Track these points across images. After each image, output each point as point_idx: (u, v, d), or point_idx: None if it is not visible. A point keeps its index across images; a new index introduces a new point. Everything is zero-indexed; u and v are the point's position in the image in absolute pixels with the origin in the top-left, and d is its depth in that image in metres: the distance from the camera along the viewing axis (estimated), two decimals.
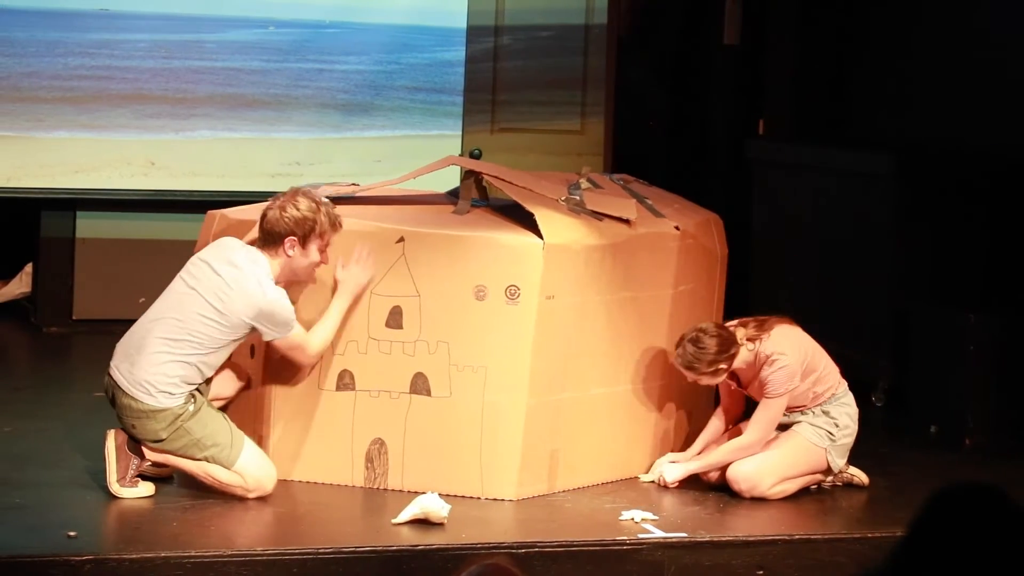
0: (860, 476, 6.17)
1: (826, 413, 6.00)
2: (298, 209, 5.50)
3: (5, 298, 8.82)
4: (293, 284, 5.65)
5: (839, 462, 6.03)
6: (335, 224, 5.56)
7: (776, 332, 5.91)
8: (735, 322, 5.97)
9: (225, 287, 5.46)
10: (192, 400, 5.50)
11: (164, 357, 5.44)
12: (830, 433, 5.99)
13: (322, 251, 5.56)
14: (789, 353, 5.87)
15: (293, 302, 5.58)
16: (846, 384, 6.07)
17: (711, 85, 9.45)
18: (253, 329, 5.49)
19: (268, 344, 5.59)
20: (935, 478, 6.34)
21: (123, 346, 5.54)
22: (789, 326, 5.97)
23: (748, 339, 5.89)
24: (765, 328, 5.91)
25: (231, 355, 5.78)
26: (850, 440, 6.05)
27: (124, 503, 5.45)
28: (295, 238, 5.50)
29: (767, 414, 5.90)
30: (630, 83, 9.27)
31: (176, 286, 5.55)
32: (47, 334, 8.46)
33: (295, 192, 5.59)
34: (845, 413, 6.02)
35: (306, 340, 5.58)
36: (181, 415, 5.46)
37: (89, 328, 8.32)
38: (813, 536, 5.56)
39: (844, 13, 8.82)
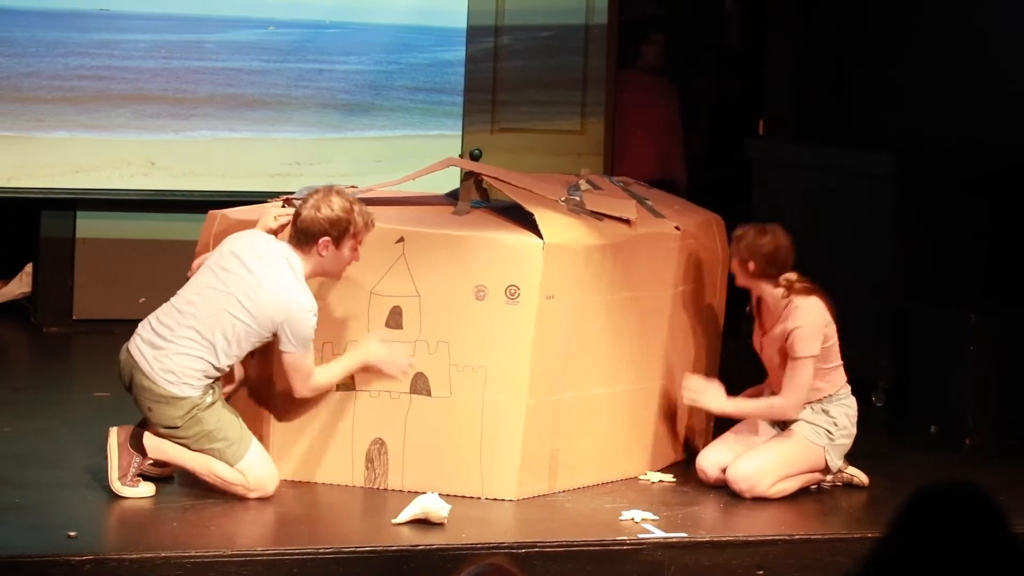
0: (860, 476, 6.18)
1: (825, 412, 6.02)
2: (332, 209, 5.50)
3: (5, 298, 8.83)
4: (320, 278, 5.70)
5: (837, 462, 6.05)
6: (368, 223, 5.57)
7: (813, 299, 5.95)
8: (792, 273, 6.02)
9: (257, 286, 5.45)
10: (211, 391, 5.51)
11: (192, 351, 5.45)
12: (828, 432, 6.00)
13: (355, 250, 5.57)
14: (813, 313, 5.92)
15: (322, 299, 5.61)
16: (849, 388, 6.09)
17: (712, 86, 9.45)
18: (275, 335, 5.49)
19: (273, 351, 5.58)
20: (935, 478, 6.33)
21: (147, 330, 5.52)
22: (824, 302, 6.01)
23: (788, 284, 5.94)
24: (809, 291, 5.96)
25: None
26: (848, 441, 6.07)
27: (124, 503, 5.46)
28: (329, 239, 5.51)
29: (795, 378, 5.91)
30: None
31: (208, 279, 5.52)
32: (47, 334, 8.46)
33: (329, 191, 5.59)
34: (844, 414, 6.03)
35: (312, 371, 5.58)
36: (198, 404, 5.47)
37: (89, 328, 8.32)
38: (813, 536, 5.56)
39: (844, 13, 8.83)
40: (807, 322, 5.90)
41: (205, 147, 8.53)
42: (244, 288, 5.46)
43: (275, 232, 5.80)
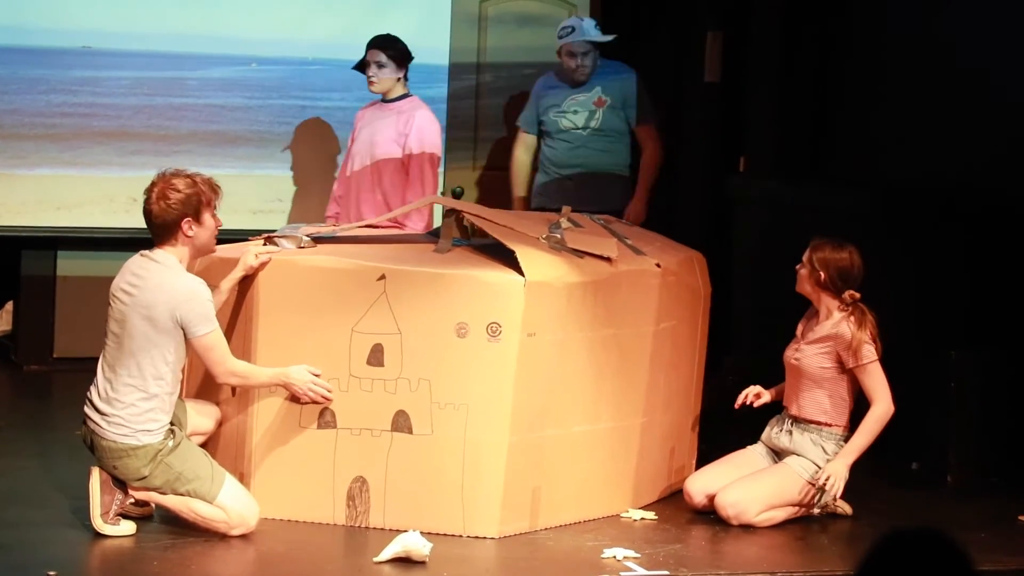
0: (844, 507, 6.24)
1: (823, 448, 6.10)
2: (179, 191, 5.54)
3: None
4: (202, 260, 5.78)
5: (825, 498, 6.10)
6: (215, 187, 5.64)
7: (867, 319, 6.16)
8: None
9: (141, 298, 5.49)
10: (171, 436, 5.53)
11: (132, 396, 5.48)
12: (818, 467, 6.06)
13: (214, 216, 5.62)
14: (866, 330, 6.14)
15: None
16: (849, 432, 6.20)
17: (692, 123, 9.48)
18: (182, 328, 5.48)
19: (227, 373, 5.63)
20: (917, 515, 6.37)
21: (93, 398, 5.58)
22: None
23: (852, 299, 6.16)
24: (864, 313, 6.17)
25: (214, 394, 5.81)
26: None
27: (105, 542, 5.45)
28: (189, 219, 5.54)
29: (875, 381, 6.11)
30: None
31: (110, 327, 5.59)
32: (27, 372, 8.46)
33: (163, 177, 5.61)
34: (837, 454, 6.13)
35: (228, 352, 5.58)
36: (161, 450, 5.49)
37: (69, 366, 8.31)
38: (794, 574, 5.57)
39: (824, 52, 8.87)
40: (863, 334, 6.09)
41: None
42: (133, 309, 5.50)
43: (256, 270, 5.82)
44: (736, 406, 6.33)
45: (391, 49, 7.64)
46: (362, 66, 7.71)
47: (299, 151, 8.72)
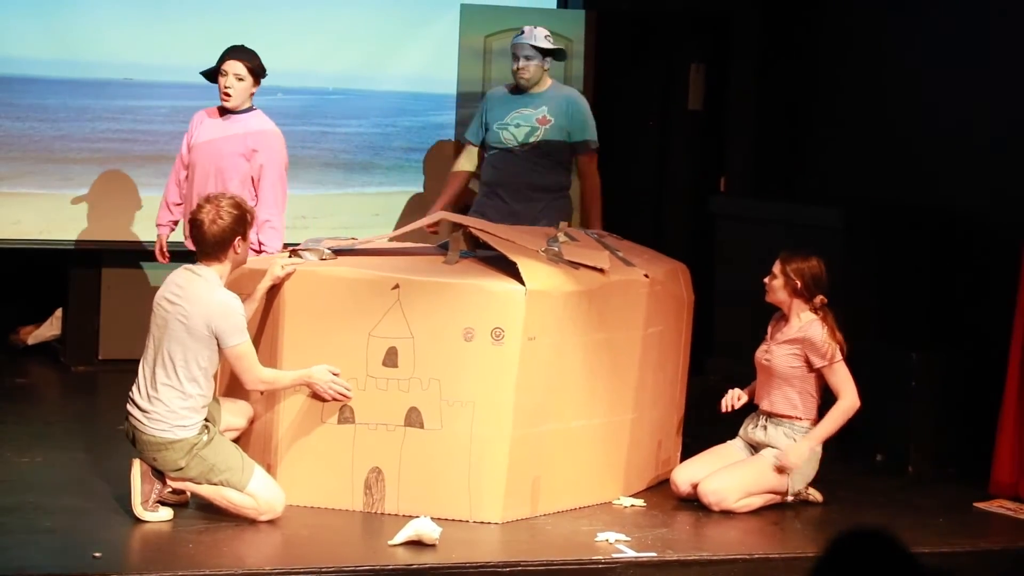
0: (815, 495, 6.25)
1: (795, 441, 6.11)
2: (232, 211, 5.54)
3: (37, 340, 8.84)
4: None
5: (798, 486, 6.12)
6: (251, 208, 5.67)
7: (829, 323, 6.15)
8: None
9: (181, 308, 5.50)
10: (205, 431, 5.53)
11: (169, 396, 5.48)
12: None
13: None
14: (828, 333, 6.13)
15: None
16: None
17: (677, 147, 9.49)
18: (216, 339, 5.49)
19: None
20: (880, 502, 6.38)
21: (133, 395, 5.59)
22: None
23: (822, 304, 6.15)
24: (834, 318, 6.16)
25: (245, 394, 5.82)
26: (811, 471, 6.14)
27: (145, 527, 5.46)
28: (239, 236, 5.56)
29: (842, 378, 6.11)
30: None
31: (152, 332, 5.59)
32: (75, 373, 8.47)
33: (210, 200, 5.59)
34: (811, 447, 6.12)
35: (257, 362, 5.58)
36: (196, 444, 5.49)
37: (113, 367, 8.32)
38: (771, 556, 5.58)
39: (797, 83, 8.89)
40: (831, 336, 6.10)
41: None
42: (174, 317, 5.51)
43: (283, 280, 5.83)
44: (723, 411, 6.28)
45: (251, 62, 6.81)
46: (213, 73, 6.88)
47: (318, 172, 8.72)
